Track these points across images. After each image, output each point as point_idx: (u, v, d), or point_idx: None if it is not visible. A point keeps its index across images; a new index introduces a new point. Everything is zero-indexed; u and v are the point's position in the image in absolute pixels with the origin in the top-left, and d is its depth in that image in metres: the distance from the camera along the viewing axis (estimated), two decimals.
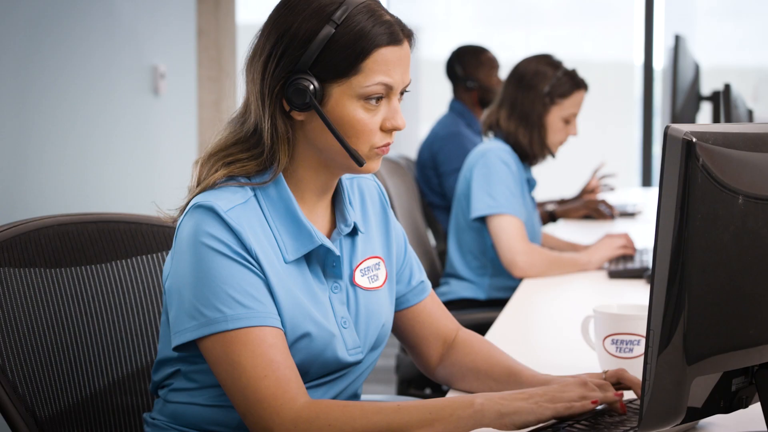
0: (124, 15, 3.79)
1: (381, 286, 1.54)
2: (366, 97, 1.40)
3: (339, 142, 1.40)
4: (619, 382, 1.46)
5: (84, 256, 1.67)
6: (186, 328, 1.37)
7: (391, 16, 1.43)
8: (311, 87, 1.38)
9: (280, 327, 1.38)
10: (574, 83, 2.88)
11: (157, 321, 1.73)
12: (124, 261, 1.71)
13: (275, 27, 1.41)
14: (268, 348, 1.34)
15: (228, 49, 4.47)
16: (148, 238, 1.73)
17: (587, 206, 3.88)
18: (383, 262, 1.56)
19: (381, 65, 1.39)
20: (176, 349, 1.40)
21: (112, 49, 3.71)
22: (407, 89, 1.46)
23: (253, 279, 1.37)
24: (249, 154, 1.44)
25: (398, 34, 1.41)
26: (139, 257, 1.72)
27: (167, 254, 1.73)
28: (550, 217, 3.89)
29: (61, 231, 1.65)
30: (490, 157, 2.87)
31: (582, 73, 2.94)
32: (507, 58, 4.28)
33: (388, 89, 1.41)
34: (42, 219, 1.64)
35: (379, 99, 1.41)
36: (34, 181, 3.27)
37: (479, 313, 2.83)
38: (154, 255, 1.74)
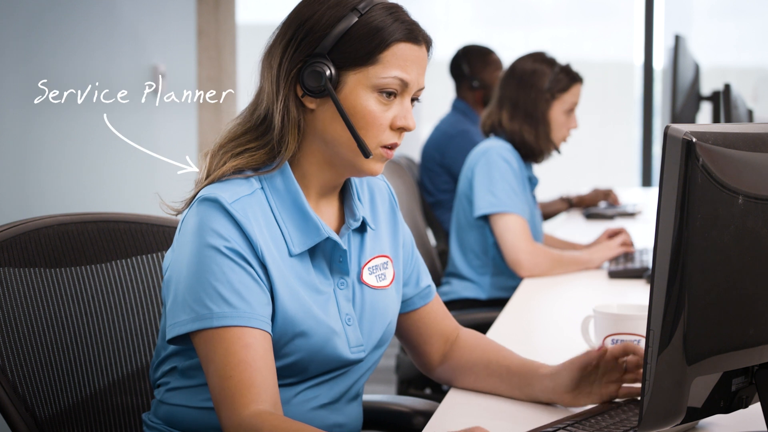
0: (124, 15, 3.79)
1: (388, 285, 1.54)
2: (380, 90, 1.41)
3: (349, 130, 1.40)
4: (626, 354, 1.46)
5: (84, 256, 1.67)
6: (178, 322, 1.38)
7: (413, 19, 1.45)
8: (327, 72, 1.39)
9: (266, 330, 1.37)
10: (571, 77, 2.92)
11: (157, 321, 1.73)
12: (124, 261, 1.71)
13: (298, 15, 1.44)
14: (241, 348, 1.34)
15: (228, 49, 4.47)
16: (148, 238, 1.73)
17: (598, 194, 4.16)
18: (391, 262, 1.56)
19: (399, 59, 1.41)
20: (170, 341, 1.41)
21: (112, 49, 3.71)
22: (419, 98, 1.46)
23: (246, 278, 1.37)
24: (258, 143, 1.44)
25: (418, 34, 1.43)
26: (139, 257, 1.72)
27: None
28: (569, 205, 4.02)
29: (61, 231, 1.65)
30: (492, 156, 2.87)
31: (582, 73, 2.98)
32: (507, 58, 4.28)
33: (403, 86, 1.42)
34: (42, 219, 1.64)
35: (393, 95, 1.42)
36: (34, 181, 3.27)
37: (480, 313, 2.83)
38: (154, 255, 1.74)
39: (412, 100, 1.45)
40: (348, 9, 1.41)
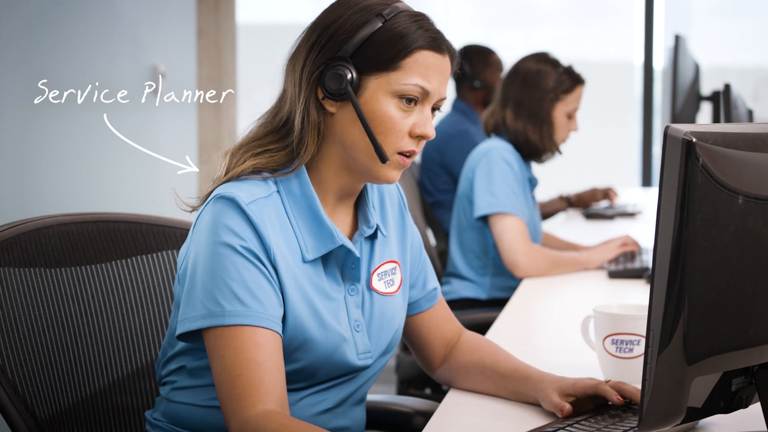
0: (124, 15, 3.79)
1: (396, 291, 1.54)
2: (401, 96, 1.41)
3: (367, 134, 1.40)
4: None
5: (84, 256, 1.67)
6: (189, 318, 1.37)
7: (438, 29, 1.45)
8: (349, 75, 1.40)
9: (277, 331, 1.37)
10: (574, 79, 2.93)
11: (157, 321, 1.73)
12: (124, 261, 1.71)
13: (323, 19, 1.44)
14: (252, 347, 1.34)
15: (228, 49, 4.47)
16: (148, 238, 1.73)
17: (596, 192, 4.15)
18: (399, 267, 1.56)
19: (421, 67, 1.41)
20: (179, 338, 1.40)
21: (112, 49, 3.71)
22: (440, 107, 1.46)
23: (260, 278, 1.37)
24: (278, 144, 1.44)
25: (442, 43, 1.43)
26: (139, 257, 1.72)
27: (167, 254, 1.74)
28: (568, 203, 4.02)
29: (61, 231, 1.65)
30: (492, 156, 2.88)
31: (582, 73, 2.98)
32: (507, 58, 4.29)
33: (424, 94, 1.42)
34: (42, 219, 1.64)
35: (413, 102, 1.42)
36: (34, 181, 3.27)
37: (480, 312, 2.83)
38: (154, 255, 1.74)
39: (433, 109, 1.45)
40: (373, 14, 1.41)
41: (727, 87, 3.06)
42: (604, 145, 6.34)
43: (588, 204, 4.17)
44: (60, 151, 3.40)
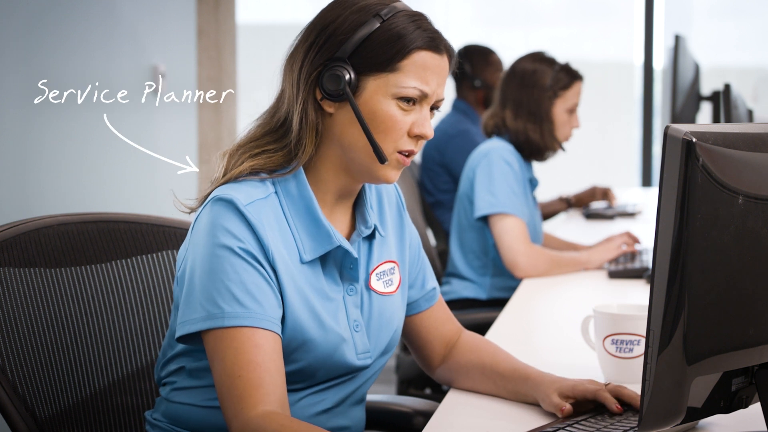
0: (124, 15, 3.79)
1: (395, 291, 1.54)
2: (399, 97, 1.41)
3: (365, 135, 1.40)
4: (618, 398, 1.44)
5: (84, 256, 1.67)
6: (188, 320, 1.37)
7: (436, 29, 1.44)
8: (347, 76, 1.39)
9: (276, 332, 1.37)
10: (571, 75, 2.95)
11: (157, 321, 1.73)
12: (124, 261, 1.71)
13: (321, 19, 1.44)
14: (251, 348, 1.34)
15: (228, 49, 4.47)
16: (148, 238, 1.73)
17: (596, 191, 4.16)
18: (398, 267, 1.56)
19: (419, 68, 1.41)
20: (179, 339, 1.40)
21: (112, 49, 3.71)
22: (439, 107, 1.46)
23: (258, 280, 1.37)
24: (276, 145, 1.44)
25: (440, 43, 1.43)
26: (139, 257, 1.72)
27: (167, 254, 1.74)
28: (567, 205, 4.08)
29: (61, 231, 1.65)
30: (493, 157, 2.88)
31: (582, 73, 2.99)
32: (507, 58, 4.29)
33: (423, 96, 1.42)
34: (42, 219, 1.64)
35: (412, 101, 1.42)
36: (34, 181, 3.27)
37: (480, 312, 2.83)
38: (154, 255, 1.74)
39: (432, 109, 1.45)
40: (370, 15, 1.41)
41: (727, 87, 3.06)
42: (604, 145, 6.34)
43: (587, 203, 4.18)
44: (60, 151, 3.40)
